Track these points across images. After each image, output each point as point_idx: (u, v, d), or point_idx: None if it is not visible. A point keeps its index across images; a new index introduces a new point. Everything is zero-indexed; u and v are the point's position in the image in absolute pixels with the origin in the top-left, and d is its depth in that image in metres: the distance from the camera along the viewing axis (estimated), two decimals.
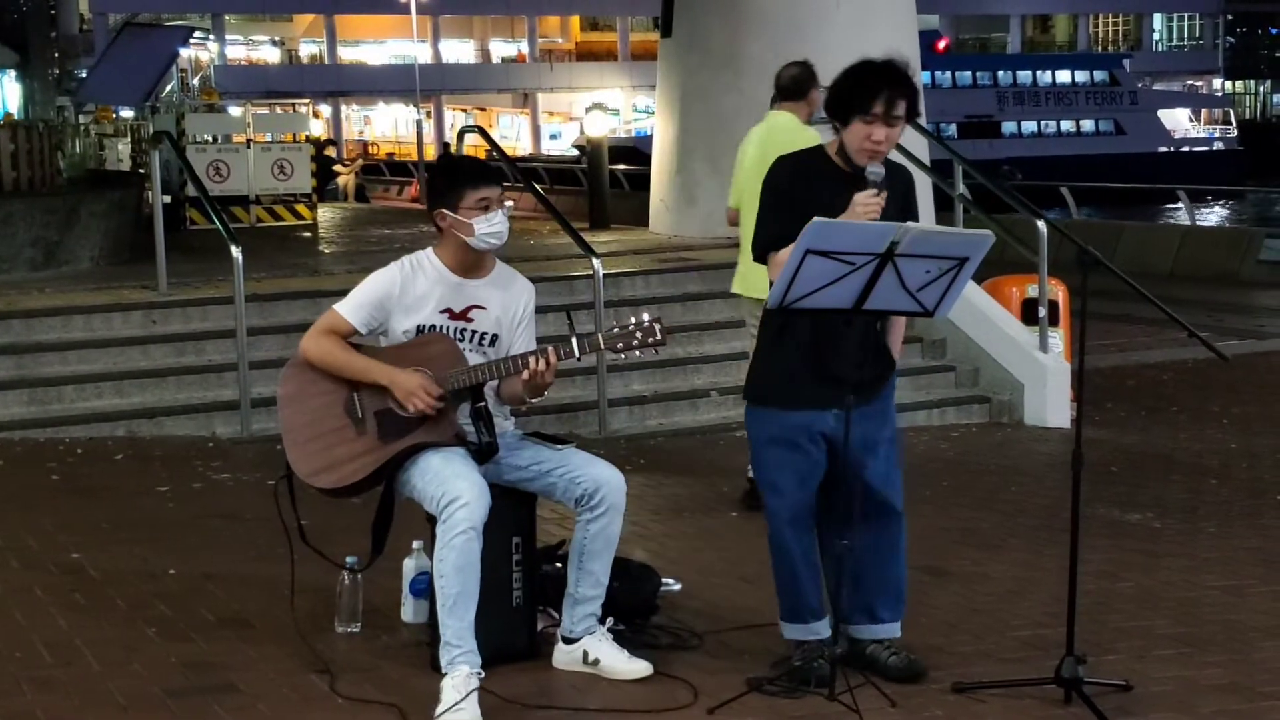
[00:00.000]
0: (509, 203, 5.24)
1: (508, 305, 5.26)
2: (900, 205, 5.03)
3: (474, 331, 5.20)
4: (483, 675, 4.78)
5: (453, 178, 5.24)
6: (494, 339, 5.23)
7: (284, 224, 18.78)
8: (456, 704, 4.67)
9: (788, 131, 7.98)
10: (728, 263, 12.13)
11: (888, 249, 4.65)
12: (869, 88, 4.92)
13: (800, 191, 4.98)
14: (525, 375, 5.03)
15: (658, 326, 5.07)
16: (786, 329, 5.04)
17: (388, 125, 73.24)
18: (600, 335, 5.11)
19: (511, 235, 5.26)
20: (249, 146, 19.19)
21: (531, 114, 72.58)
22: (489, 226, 5.11)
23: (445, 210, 5.15)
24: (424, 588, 5.49)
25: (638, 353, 5.11)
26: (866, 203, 4.86)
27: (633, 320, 5.09)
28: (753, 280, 7.94)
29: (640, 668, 5.13)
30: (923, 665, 5.17)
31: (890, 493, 5.13)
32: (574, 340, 5.03)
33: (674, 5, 14.97)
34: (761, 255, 5.07)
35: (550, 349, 5.02)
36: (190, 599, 6.07)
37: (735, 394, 10.85)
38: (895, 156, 5.18)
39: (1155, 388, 12.48)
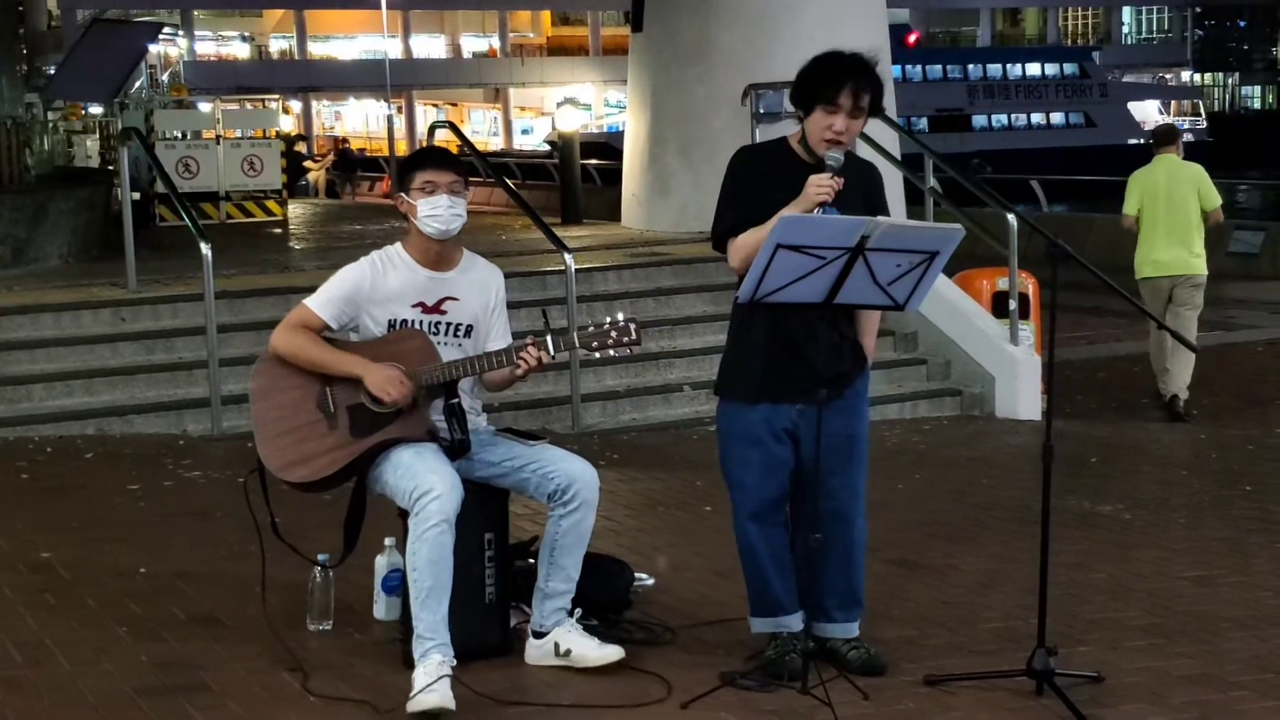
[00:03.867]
0: (464, 192, 5.15)
1: (479, 294, 5.26)
2: (866, 202, 5.02)
3: (448, 324, 5.19)
4: (455, 665, 4.78)
5: (409, 161, 5.30)
6: (469, 329, 5.22)
7: (254, 220, 18.74)
8: (428, 685, 4.66)
9: (1177, 163, 11.26)
10: (700, 257, 12.19)
11: (858, 243, 4.65)
12: (835, 77, 4.91)
13: (759, 180, 4.98)
14: (520, 372, 5.04)
15: (633, 326, 5.06)
16: (751, 323, 5.04)
17: (358, 121, 73.02)
18: (576, 335, 5.10)
19: (483, 230, 5.25)
20: (218, 143, 19.14)
21: (503, 109, 72.47)
22: (430, 209, 5.10)
23: (402, 194, 5.18)
24: (396, 585, 5.48)
25: (613, 352, 5.11)
26: (820, 183, 4.82)
27: (608, 320, 5.09)
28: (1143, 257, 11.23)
29: (611, 653, 5.12)
30: (883, 660, 5.16)
31: (850, 500, 5.11)
32: (549, 338, 5.03)
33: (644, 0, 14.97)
34: (720, 242, 5.07)
35: (535, 347, 5.01)
36: (161, 597, 6.05)
37: (708, 389, 10.79)
38: (867, 153, 5.19)
39: (1125, 380, 12.54)
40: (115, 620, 5.75)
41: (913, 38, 68.24)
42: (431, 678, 4.69)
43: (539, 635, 5.19)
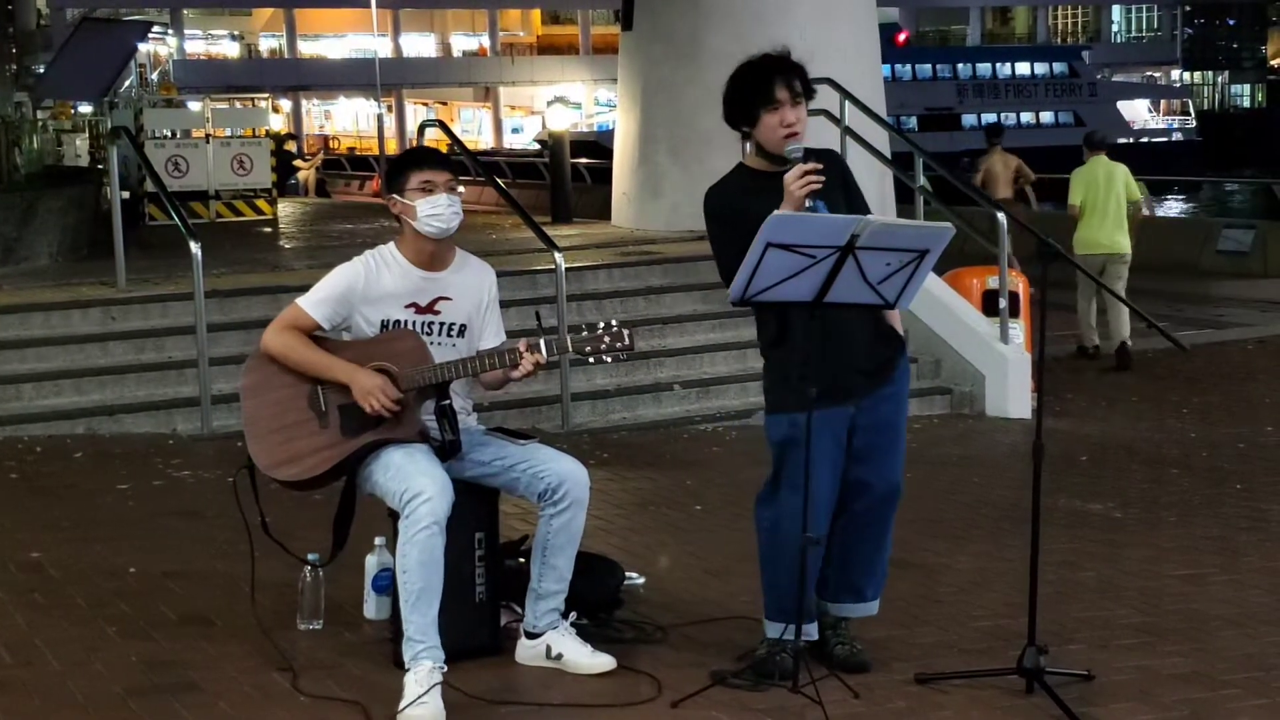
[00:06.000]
0: (459, 189, 5.17)
1: (472, 293, 5.25)
2: (841, 188, 5.02)
3: (442, 324, 5.18)
4: (445, 670, 4.77)
5: (400, 163, 5.28)
6: (462, 329, 5.21)
7: (244, 219, 18.70)
8: (419, 698, 4.66)
9: (1109, 162, 13.77)
10: (690, 256, 12.19)
11: (848, 242, 4.65)
12: (761, 79, 4.97)
13: (742, 212, 4.93)
14: (518, 374, 5.05)
15: (626, 332, 5.05)
16: (785, 331, 5.02)
17: (348, 120, 72.98)
18: (569, 339, 5.09)
19: (474, 230, 5.24)
20: (208, 141, 19.11)
21: (493, 108, 72.45)
22: (431, 208, 5.09)
23: (395, 195, 5.16)
24: (386, 584, 5.47)
25: (606, 358, 5.10)
26: (799, 179, 4.81)
27: (601, 325, 5.08)
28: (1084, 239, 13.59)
29: (603, 662, 5.12)
30: (866, 658, 5.17)
31: (900, 477, 5.17)
32: (542, 342, 5.03)
33: None
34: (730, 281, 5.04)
35: (530, 351, 5.00)
36: (151, 597, 6.04)
37: (698, 387, 10.88)
38: (857, 153, 5.18)
39: (1115, 378, 12.54)
40: (105, 620, 5.74)
41: (902, 37, 68.30)
42: (422, 688, 4.67)
43: (531, 636, 5.19)
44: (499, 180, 14.51)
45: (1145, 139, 69.97)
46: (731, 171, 5.19)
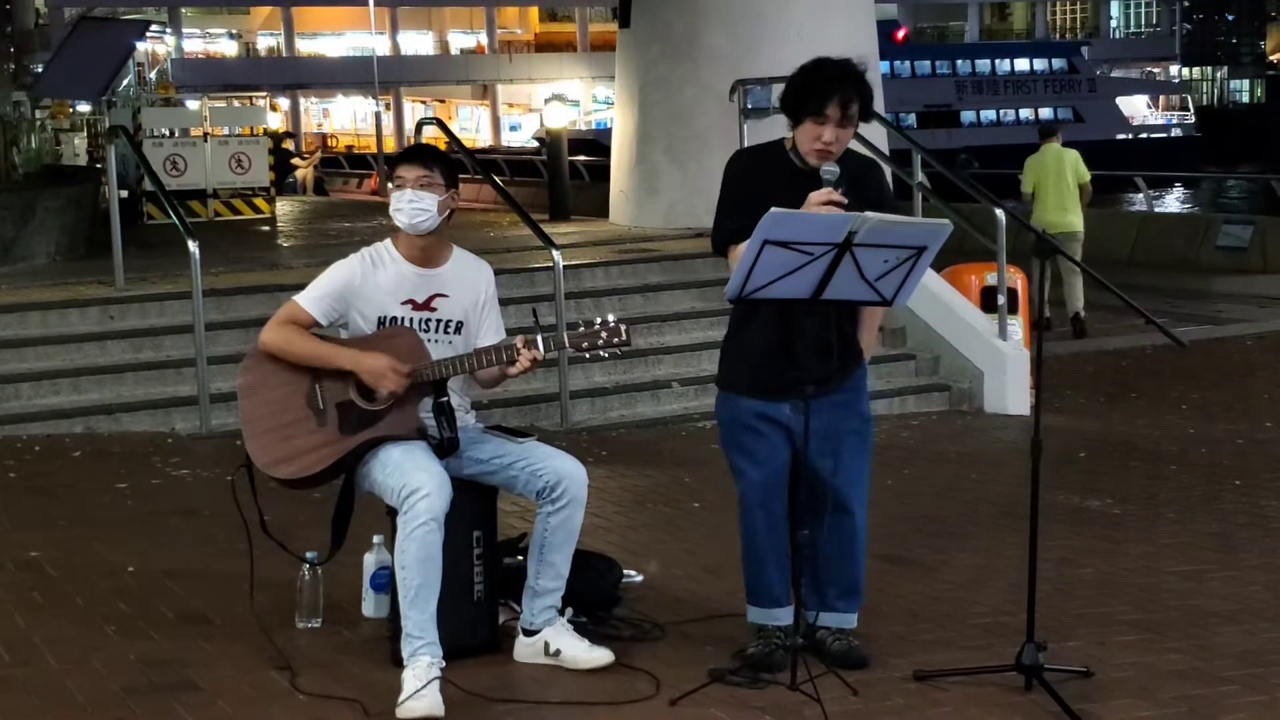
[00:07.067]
0: (436, 185, 5.11)
1: (469, 290, 5.25)
2: (869, 200, 4.96)
3: (438, 321, 5.19)
4: (444, 666, 4.77)
5: (394, 159, 5.30)
6: (459, 326, 5.22)
7: (242, 218, 18.72)
8: (418, 691, 4.66)
9: (1059, 150, 15.03)
10: (688, 253, 12.19)
11: (845, 239, 4.64)
12: (823, 89, 4.90)
13: (756, 185, 4.96)
14: (515, 370, 5.05)
15: (623, 327, 5.06)
16: (751, 316, 5.04)
17: (346, 118, 72.93)
18: (566, 335, 5.10)
19: (472, 228, 5.24)
20: (206, 140, 19.11)
21: (491, 105, 72.40)
22: (395, 203, 5.12)
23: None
24: (384, 582, 5.47)
25: (603, 353, 5.10)
26: (822, 203, 4.79)
27: (598, 320, 5.08)
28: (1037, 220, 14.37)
29: (601, 656, 5.13)
30: (862, 653, 5.17)
31: (848, 490, 5.12)
32: (539, 338, 5.03)
33: None
34: (722, 248, 5.06)
35: (527, 347, 5.00)
36: (149, 596, 6.04)
37: (697, 385, 10.86)
38: (853, 147, 5.16)
39: (1114, 374, 12.54)
40: (103, 619, 5.74)
41: (901, 33, 68.19)
42: (421, 682, 4.68)
43: (529, 633, 5.19)
44: (497, 178, 14.52)
45: (1144, 135, 69.98)
46: (773, 144, 5.13)
